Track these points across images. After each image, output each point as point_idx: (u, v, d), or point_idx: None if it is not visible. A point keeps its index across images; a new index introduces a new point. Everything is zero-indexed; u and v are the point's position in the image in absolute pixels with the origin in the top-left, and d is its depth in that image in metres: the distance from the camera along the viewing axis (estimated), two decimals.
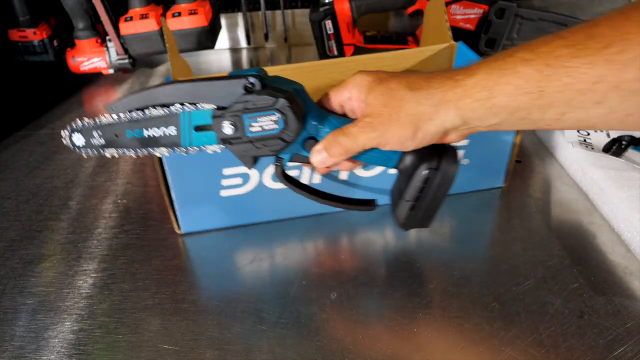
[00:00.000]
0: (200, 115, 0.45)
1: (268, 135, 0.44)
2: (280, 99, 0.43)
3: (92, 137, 0.48)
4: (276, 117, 0.43)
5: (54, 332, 0.48)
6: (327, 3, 0.97)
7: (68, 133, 0.49)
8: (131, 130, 0.46)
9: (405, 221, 0.48)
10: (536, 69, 0.37)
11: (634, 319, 0.46)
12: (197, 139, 0.46)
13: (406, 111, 0.41)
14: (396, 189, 0.50)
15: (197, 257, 0.57)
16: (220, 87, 0.44)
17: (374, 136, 0.43)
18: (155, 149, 0.47)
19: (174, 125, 0.46)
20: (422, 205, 0.47)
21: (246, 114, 0.44)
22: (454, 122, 0.41)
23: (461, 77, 0.40)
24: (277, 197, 0.58)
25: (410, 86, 0.42)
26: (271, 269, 0.54)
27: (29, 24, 0.97)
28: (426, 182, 0.45)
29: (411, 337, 0.46)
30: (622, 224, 0.55)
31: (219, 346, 0.46)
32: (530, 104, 0.38)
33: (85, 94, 1.00)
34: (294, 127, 0.44)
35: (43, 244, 0.60)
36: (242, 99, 0.43)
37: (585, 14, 1.07)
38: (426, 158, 0.45)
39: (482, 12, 0.96)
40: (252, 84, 0.43)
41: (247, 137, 0.45)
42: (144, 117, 0.46)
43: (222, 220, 0.59)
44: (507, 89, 0.38)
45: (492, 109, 0.39)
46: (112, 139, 0.47)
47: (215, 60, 1.13)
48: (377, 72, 0.45)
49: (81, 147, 0.49)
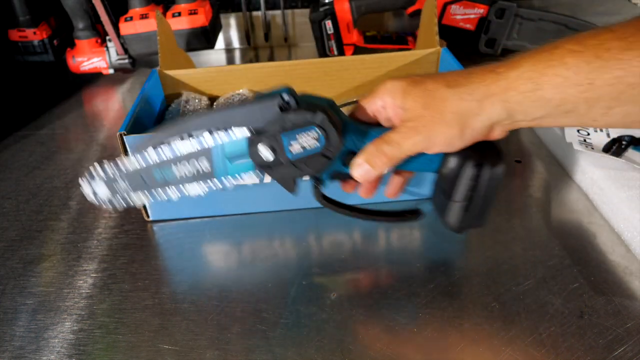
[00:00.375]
0: (234, 145, 0.43)
1: (309, 154, 0.42)
2: (318, 112, 0.41)
3: (116, 183, 0.45)
4: (316, 134, 0.41)
5: (54, 332, 0.48)
6: (327, 3, 0.97)
7: (88, 179, 0.46)
8: (160, 171, 0.44)
9: (460, 223, 0.46)
10: (585, 60, 0.36)
11: (634, 319, 0.46)
12: (233, 170, 0.44)
13: (450, 109, 0.40)
14: (439, 194, 0.48)
15: (197, 257, 0.57)
16: (254, 110, 0.41)
17: (419, 140, 0.41)
18: (187, 185, 0.45)
19: (206, 158, 0.43)
20: (475, 204, 0.45)
21: (284, 133, 0.41)
22: (500, 116, 0.40)
23: (503, 70, 0.39)
24: (250, 191, 0.59)
25: (449, 84, 0.40)
26: (271, 269, 0.54)
27: (29, 24, 0.97)
28: (475, 180, 0.44)
29: (411, 337, 0.46)
30: (622, 224, 0.55)
31: (219, 346, 0.46)
32: (577, 97, 0.37)
33: (85, 94, 1.00)
34: (336, 142, 0.42)
35: (43, 244, 0.60)
36: (278, 119, 0.41)
37: (585, 14, 1.07)
38: (471, 156, 0.43)
39: (482, 12, 0.96)
40: (288, 102, 0.41)
41: (287, 159, 0.42)
42: (174, 157, 0.43)
43: (191, 210, 0.61)
44: (554, 80, 0.37)
45: (537, 101, 0.38)
46: (140, 183, 0.44)
47: (215, 60, 1.14)
48: (408, 76, 0.43)
49: (104, 197, 0.46)
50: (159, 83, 0.72)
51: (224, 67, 0.74)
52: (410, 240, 0.57)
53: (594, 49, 0.36)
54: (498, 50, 0.99)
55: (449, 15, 0.98)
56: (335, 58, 0.74)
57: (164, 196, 0.44)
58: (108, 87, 1.02)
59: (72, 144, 0.82)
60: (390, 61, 0.75)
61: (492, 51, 0.99)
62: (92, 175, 0.45)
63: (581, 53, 0.36)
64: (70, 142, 0.83)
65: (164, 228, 0.61)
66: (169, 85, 0.73)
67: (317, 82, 0.75)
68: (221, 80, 0.74)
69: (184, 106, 0.70)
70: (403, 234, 0.57)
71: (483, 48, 0.99)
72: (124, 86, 1.02)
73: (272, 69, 0.74)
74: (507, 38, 0.98)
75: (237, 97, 0.72)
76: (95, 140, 0.83)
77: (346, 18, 0.97)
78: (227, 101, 0.72)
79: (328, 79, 0.75)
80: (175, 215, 0.62)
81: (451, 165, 0.44)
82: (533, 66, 0.38)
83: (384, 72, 0.75)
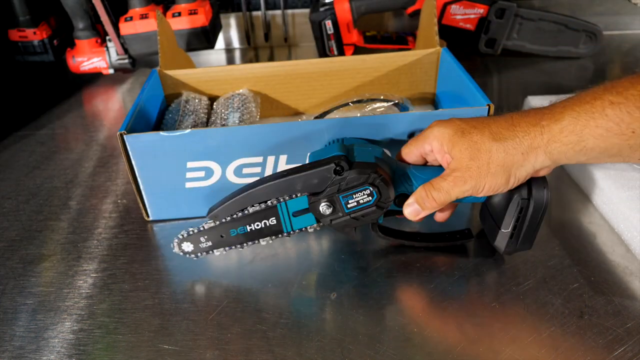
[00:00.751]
0: (297, 202, 0.49)
1: (365, 207, 0.48)
2: (370, 174, 0.46)
3: (200, 243, 0.51)
4: (369, 191, 0.47)
5: (54, 332, 0.48)
6: (327, 3, 0.97)
7: (178, 242, 0.52)
8: (235, 229, 0.50)
9: (507, 249, 0.50)
10: (627, 111, 0.38)
11: (634, 319, 0.46)
12: (297, 223, 0.50)
13: (496, 162, 0.43)
14: (487, 218, 0.52)
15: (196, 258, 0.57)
16: (312, 176, 0.47)
17: (466, 188, 0.44)
18: (261, 240, 0.51)
19: (274, 216, 0.49)
20: (520, 232, 0.49)
21: (341, 194, 0.47)
22: (543, 163, 0.43)
23: (546, 123, 0.42)
24: None
25: (494, 137, 0.43)
26: (271, 269, 0.54)
27: (29, 24, 0.97)
28: (520, 212, 0.48)
29: (412, 337, 0.46)
30: (622, 224, 0.55)
31: (219, 346, 0.46)
32: (621, 144, 0.39)
33: (85, 94, 1.00)
34: (387, 195, 0.47)
35: (43, 244, 0.60)
36: (334, 181, 0.47)
37: (586, 14, 1.08)
38: (517, 190, 0.47)
39: (482, 12, 0.96)
40: (342, 167, 0.46)
41: (345, 214, 0.48)
42: (245, 215, 0.49)
43: (191, 210, 0.61)
44: (597, 132, 0.40)
45: (581, 151, 0.41)
46: (218, 240, 0.51)
47: (215, 60, 1.14)
48: (453, 122, 0.46)
49: (190, 252, 0.52)
50: (159, 83, 0.72)
51: (224, 67, 0.74)
52: None
53: (635, 99, 0.38)
54: (498, 50, 0.99)
55: (449, 15, 0.98)
56: (335, 58, 0.74)
57: (239, 248, 0.52)
58: (108, 87, 1.02)
59: (72, 144, 0.82)
60: (390, 61, 0.75)
61: (492, 51, 0.99)
62: (181, 237, 0.52)
63: (622, 104, 0.38)
64: (70, 142, 0.83)
65: (164, 228, 0.61)
66: (169, 85, 0.73)
67: (317, 82, 0.75)
68: (221, 80, 0.74)
69: (184, 106, 0.70)
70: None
71: (483, 48, 0.99)
72: (124, 86, 1.02)
73: (272, 69, 0.74)
74: (507, 38, 0.98)
75: (237, 97, 0.72)
76: (95, 140, 0.83)
77: (346, 18, 0.97)
78: (227, 101, 0.72)
79: (328, 79, 0.75)
80: (175, 215, 0.62)
81: (498, 199, 0.49)
82: (575, 119, 0.40)
83: (384, 72, 0.75)
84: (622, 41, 1.09)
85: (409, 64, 0.75)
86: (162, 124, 0.69)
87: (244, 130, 0.56)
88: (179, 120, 0.68)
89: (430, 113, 0.57)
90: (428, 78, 0.77)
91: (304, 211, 0.49)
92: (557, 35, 0.98)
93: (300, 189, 0.48)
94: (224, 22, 1.15)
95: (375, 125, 0.56)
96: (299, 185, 0.48)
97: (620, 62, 1.00)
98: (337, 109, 0.74)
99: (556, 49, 0.99)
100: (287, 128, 0.56)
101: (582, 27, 0.97)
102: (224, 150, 0.56)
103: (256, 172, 0.58)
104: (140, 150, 0.56)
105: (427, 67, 0.75)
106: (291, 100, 0.78)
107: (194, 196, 0.60)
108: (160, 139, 0.55)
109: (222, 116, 0.69)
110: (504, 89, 0.93)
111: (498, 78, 0.96)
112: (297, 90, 0.76)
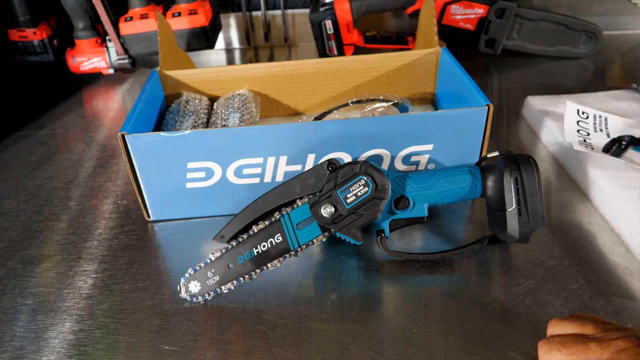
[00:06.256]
0: (299, 212, 0.50)
1: (364, 199, 0.49)
2: (361, 165, 0.49)
3: (207, 279, 0.50)
4: (364, 181, 0.49)
5: (54, 333, 0.48)
6: (327, 3, 0.97)
7: (184, 282, 0.50)
8: (242, 255, 0.50)
9: (520, 229, 0.50)
10: None
11: (634, 319, 0.46)
12: (302, 236, 0.50)
13: None
14: (493, 222, 0.54)
15: (197, 257, 0.57)
16: (308, 175, 0.50)
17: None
18: (269, 264, 0.50)
19: (279, 232, 0.50)
20: (526, 205, 0.50)
21: (339, 189, 0.49)
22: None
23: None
24: (240, 192, 0.60)
25: None
26: (271, 270, 0.54)
27: (29, 24, 0.97)
28: (516, 182, 0.50)
29: (412, 338, 0.46)
30: (622, 225, 0.55)
31: (219, 347, 0.46)
32: None
33: (85, 94, 1.00)
34: (383, 182, 0.49)
35: (43, 245, 0.60)
36: (329, 178, 0.49)
37: (585, 14, 1.08)
38: (506, 165, 0.50)
39: (482, 12, 0.96)
40: (334, 163, 0.50)
41: (347, 210, 0.49)
42: (250, 236, 0.50)
43: (191, 210, 0.61)
44: None
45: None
46: (226, 272, 0.50)
47: (215, 60, 1.14)
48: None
49: (198, 293, 0.50)
50: (159, 83, 0.72)
51: (224, 67, 0.74)
52: (409, 240, 0.57)
53: None
54: (498, 51, 0.99)
55: (449, 15, 0.97)
56: (335, 58, 0.74)
57: (248, 278, 0.50)
58: (108, 87, 1.02)
59: (72, 144, 0.82)
60: (390, 61, 0.75)
61: (492, 51, 0.99)
62: (187, 277, 0.50)
63: None
64: (70, 142, 0.83)
65: (164, 228, 0.61)
66: (169, 85, 0.73)
67: (317, 82, 0.75)
68: (221, 80, 0.74)
69: (184, 106, 0.70)
70: (403, 235, 0.57)
71: (483, 48, 0.99)
72: (124, 86, 1.02)
73: (272, 69, 0.74)
74: (507, 38, 0.98)
75: (237, 97, 0.72)
76: (95, 140, 0.83)
77: (346, 18, 0.97)
78: (227, 101, 0.72)
79: (328, 79, 0.75)
80: (175, 215, 0.62)
81: (492, 183, 0.51)
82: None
83: (384, 72, 0.75)
84: (622, 41, 1.09)
85: (409, 64, 0.75)
86: (163, 124, 0.69)
87: (244, 131, 0.56)
88: (179, 120, 0.68)
89: (430, 113, 0.57)
90: (428, 78, 0.77)
91: (308, 221, 0.50)
92: (557, 35, 0.98)
93: (299, 191, 0.50)
94: (224, 22, 1.15)
95: (375, 125, 0.56)
96: (297, 188, 0.50)
97: (620, 62, 1.00)
98: (337, 109, 0.74)
99: (556, 49, 0.99)
100: (287, 129, 0.56)
101: (582, 27, 0.97)
102: (225, 150, 0.56)
103: (256, 173, 0.58)
104: (142, 151, 0.56)
105: (427, 67, 0.75)
106: (291, 100, 0.78)
107: (194, 196, 0.60)
108: (161, 139, 0.55)
109: (223, 116, 0.69)
110: (504, 89, 0.93)
111: (498, 78, 0.96)
112: (297, 90, 0.76)
